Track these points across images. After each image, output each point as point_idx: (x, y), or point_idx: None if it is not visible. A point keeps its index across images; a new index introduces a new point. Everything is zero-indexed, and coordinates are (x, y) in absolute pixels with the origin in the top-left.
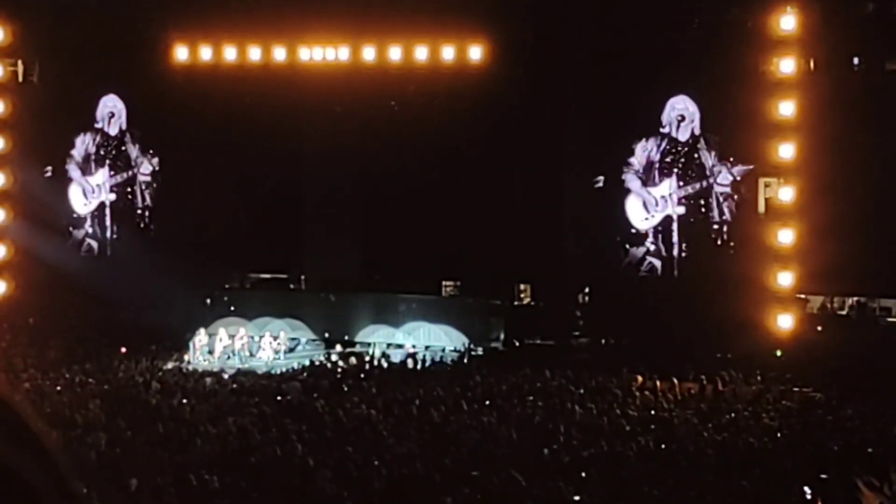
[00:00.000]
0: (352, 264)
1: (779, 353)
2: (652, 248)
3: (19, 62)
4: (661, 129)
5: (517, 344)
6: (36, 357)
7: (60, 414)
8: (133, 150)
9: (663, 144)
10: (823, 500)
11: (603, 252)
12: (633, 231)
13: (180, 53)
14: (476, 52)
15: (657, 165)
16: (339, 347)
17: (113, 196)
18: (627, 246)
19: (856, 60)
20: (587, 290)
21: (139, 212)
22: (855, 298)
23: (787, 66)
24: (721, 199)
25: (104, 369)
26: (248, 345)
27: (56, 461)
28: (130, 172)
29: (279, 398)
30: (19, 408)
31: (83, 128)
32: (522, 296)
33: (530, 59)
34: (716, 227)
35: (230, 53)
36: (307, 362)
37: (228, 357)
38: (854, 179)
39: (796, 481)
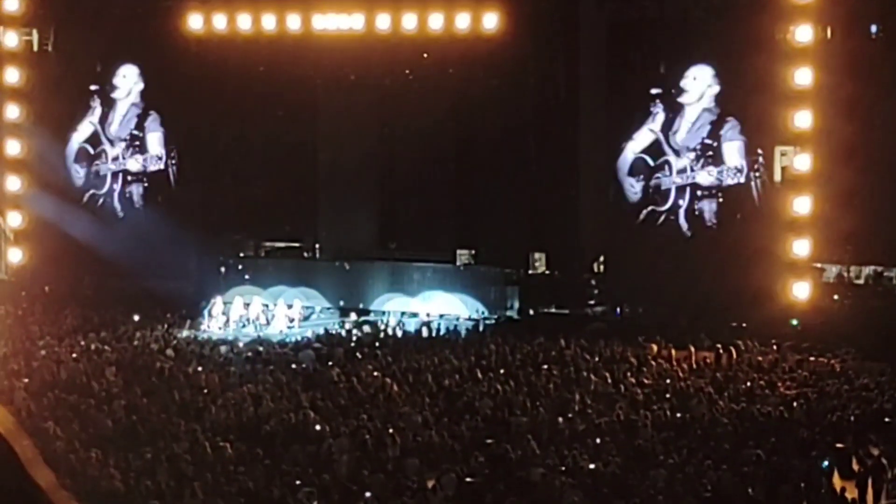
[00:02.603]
0: (366, 233)
1: (795, 322)
2: (668, 216)
3: (34, 31)
4: (678, 98)
5: (532, 313)
6: (52, 325)
7: (77, 381)
8: (148, 120)
9: (680, 113)
10: (839, 470)
11: (618, 221)
12: (649, 199)
13: (194, 22)
14: (491, 20)
15: (672, 134)
16: (353, 316)
17: (128, 165)
18: (643, 214)
19: (873, 28)
20: (602, 258)
21: (154, 181)
22: (872, 267)
23: (803, 34)
24: (737, 167)
25: (120, 337)
26: (262, 313)
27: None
28: (145, 142)
29: (294, 366)
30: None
31: (98, 96)
32: (537, 264)
33: (545, 26)
34: (732, 195)
35: (244, 22)
36: (321, 331)
37: (243, 325)
38: (871, 148)
39: (812, 450)
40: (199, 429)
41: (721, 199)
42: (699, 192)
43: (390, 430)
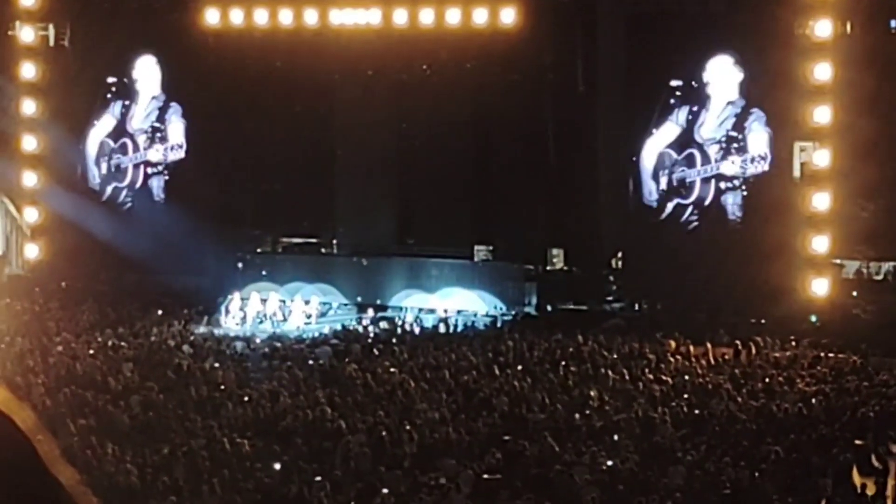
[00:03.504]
0: (384, 229)
1: (814, 318)
2: (688, 211)
3: (50, 26)
4: (698, 92)
5: (550, 309)
6: (68, 321)
7: (94, 377)
8: (165, 114)
9: (704, 105)
10: (859, 467)
11: (636, 217)
12: (673, 192)
13: (211, 17)
14: (508, 15)
15: (698, 128)
16: (370, 312)
17: (145, 160)
18: (668, 207)
19: (893, 23)
20: (620, 254)
21: (174, 174)
22: (891, 263)
23: (823, 28)
24: (761, 155)
25: (136, 333)
26: (279, 309)
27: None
28: (162, 136)
29: (310, 363)
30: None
31: (114, 91)
32: (555, 260)
33: (564, 20)
34: (755, 188)
35: (261, 17)
36: (339, 327)
37: (260, 322)
38: (891, 143)
39: (831, 448)
40: (216, 425)
41: (745, 193)
42: (722, 185)
43: (407, 427)
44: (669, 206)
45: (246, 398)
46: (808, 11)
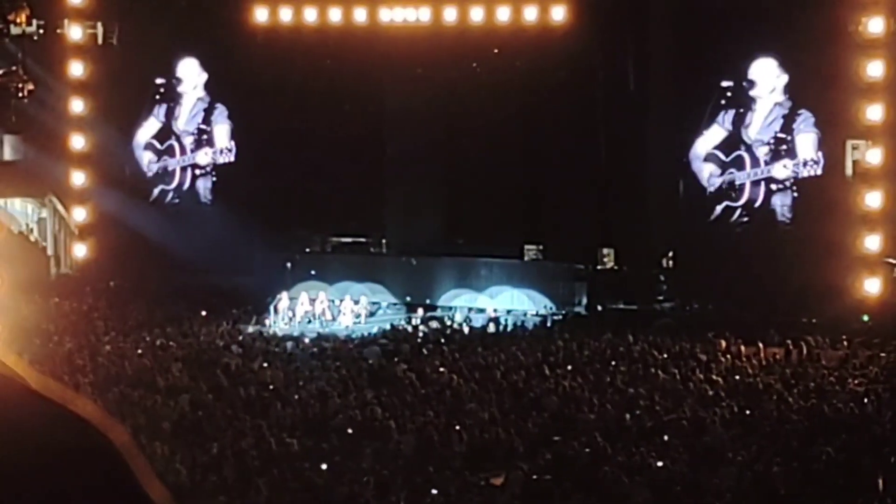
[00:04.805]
0: (433, 228)
1: (866, 318)
2: (740, 211)
3: (99, 24)
4: (749, 92)
5: (600, 308)
6: (117, 320)
7: (142, 377)
8: (211, 115)
9: (751, 107)
10: None
11: (687, 216)
12: (723, 195)
13: (260, 15)
14: (559, 12)
15: (745, 129)
16: (420, 312)
17: (193, 159)
18: (717, 209)
19: None
20: (671, 254)
21: (221, 175)
22: None
23: (875, 25)
24: (813, 160)
25: (185, 333)
26: (328, 309)
27: None
28: (210, 136)
29: (359, 362)
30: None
31: (162, 92)
32: (605, 260)
33: (613, 18)
34: (806, 189)
35: (310, 15)
36: (388, 326)
37: (309, 321)
38: None
39: (883, 448)
40: (264, 424)
41: (795, 194)
42: (773, 186)
43: (457, 427)
44: (718, 209)
45: (295, 397)
46: (860, 8)
